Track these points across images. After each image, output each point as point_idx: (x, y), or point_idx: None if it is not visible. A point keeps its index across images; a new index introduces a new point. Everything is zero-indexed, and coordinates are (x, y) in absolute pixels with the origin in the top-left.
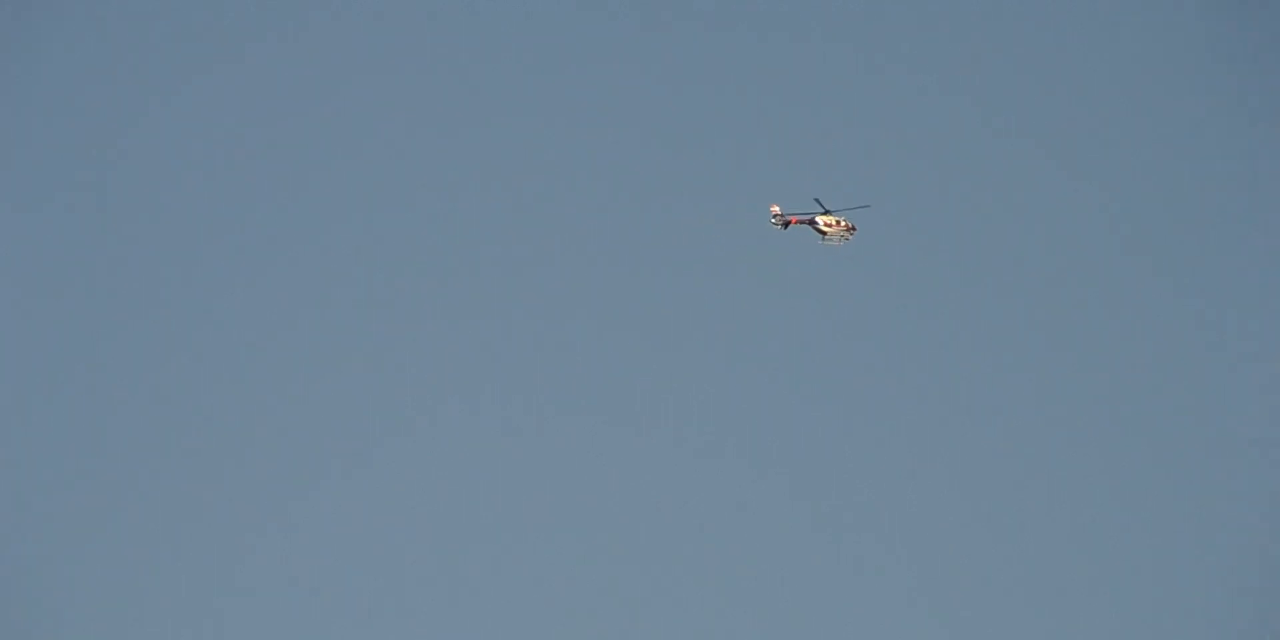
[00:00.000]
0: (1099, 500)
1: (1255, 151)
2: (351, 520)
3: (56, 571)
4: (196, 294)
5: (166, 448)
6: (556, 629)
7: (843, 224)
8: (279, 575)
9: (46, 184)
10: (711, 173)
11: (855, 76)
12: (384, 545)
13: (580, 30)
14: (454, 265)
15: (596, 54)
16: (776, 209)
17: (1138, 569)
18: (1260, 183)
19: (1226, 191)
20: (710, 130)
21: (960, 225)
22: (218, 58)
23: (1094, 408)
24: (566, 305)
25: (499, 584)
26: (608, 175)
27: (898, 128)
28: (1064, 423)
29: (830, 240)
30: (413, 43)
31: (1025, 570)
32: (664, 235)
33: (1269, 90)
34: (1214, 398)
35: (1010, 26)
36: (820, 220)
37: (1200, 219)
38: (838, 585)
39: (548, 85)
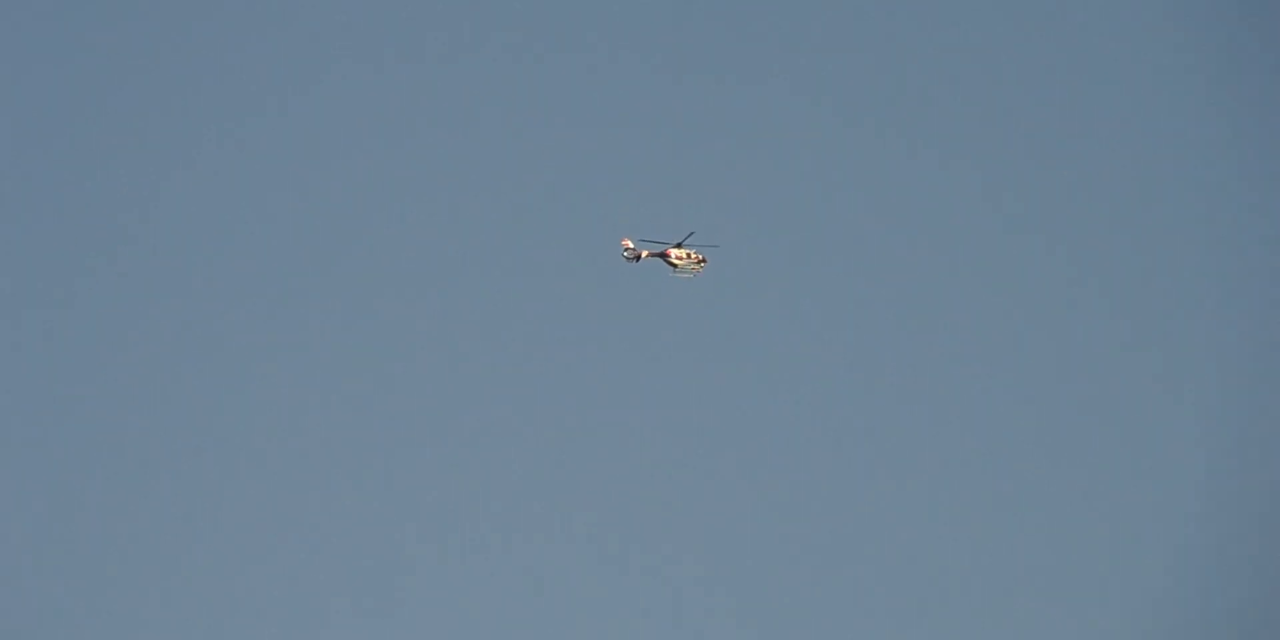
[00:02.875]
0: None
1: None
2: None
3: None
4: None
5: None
6: None
7: (693, 256)
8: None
9: (47, 189)
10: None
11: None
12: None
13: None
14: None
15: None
16: (628, 243)
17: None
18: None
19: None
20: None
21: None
22: (213, 57)
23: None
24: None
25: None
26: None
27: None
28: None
29: (682, 272)
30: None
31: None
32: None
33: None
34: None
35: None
36: (671, 253)
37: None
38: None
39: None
